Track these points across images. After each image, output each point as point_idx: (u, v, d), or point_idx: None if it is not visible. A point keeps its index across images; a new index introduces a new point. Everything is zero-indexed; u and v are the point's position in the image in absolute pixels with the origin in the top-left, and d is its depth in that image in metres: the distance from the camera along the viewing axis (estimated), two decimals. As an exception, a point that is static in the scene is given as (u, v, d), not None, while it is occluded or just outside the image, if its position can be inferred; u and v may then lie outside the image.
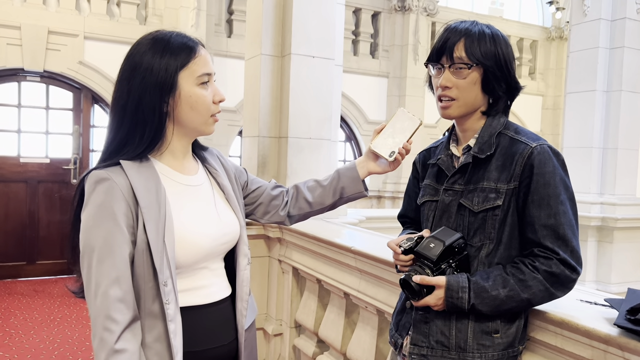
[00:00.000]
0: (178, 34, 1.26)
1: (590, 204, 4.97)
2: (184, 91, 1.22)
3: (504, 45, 1.32)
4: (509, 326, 1.29)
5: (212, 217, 1.29)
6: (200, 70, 1.23)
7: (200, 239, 1.24)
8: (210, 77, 1.27)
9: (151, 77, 1.19)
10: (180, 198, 1.25)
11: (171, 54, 1.20)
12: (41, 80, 5.99)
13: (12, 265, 5.90)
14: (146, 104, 1.19)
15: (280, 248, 3.05)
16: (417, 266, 1.30)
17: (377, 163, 1.53)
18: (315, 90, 3.17)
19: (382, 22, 8.04)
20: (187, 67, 1.22)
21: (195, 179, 1.33)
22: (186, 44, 1.23)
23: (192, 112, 1.24)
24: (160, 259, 1.15)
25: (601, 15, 4.92)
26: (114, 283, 1.11)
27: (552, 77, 9.38)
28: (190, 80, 1.22)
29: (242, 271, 1.37)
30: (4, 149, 5.89)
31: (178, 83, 1.21)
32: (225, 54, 6.67)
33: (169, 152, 1.28)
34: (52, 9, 5.79)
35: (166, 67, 1.19)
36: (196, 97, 1.23)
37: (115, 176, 1.16)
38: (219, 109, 1.29)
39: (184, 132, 1.28)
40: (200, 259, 1.26)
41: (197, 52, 1.24)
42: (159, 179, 1.21)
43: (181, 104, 1.22)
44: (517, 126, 1.36)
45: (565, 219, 1.24)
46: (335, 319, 2.53)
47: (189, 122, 1.25)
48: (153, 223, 1.15)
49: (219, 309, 1.31)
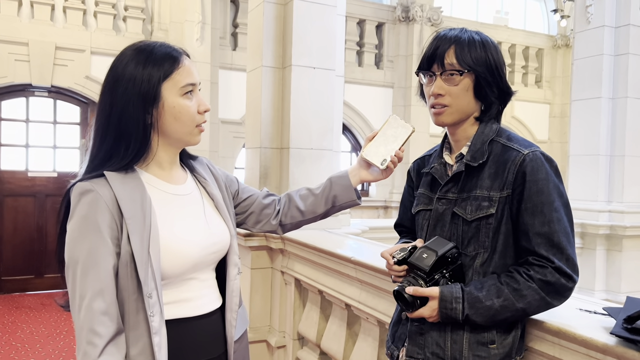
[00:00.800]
0: (162, 44, 1.25)
1: (598, 212, 4.91)
2: (167, 102, 1.21)
3: (494, 51, 1.31)
4: (505, 336, 1.27)
5: (200, 226, 1.28)
6: (184, 81, 1.22)
7: (188, 248, 1.23)
8: (195, 87, 1.25)
9: (134, 88, 1.18)
10: (167, 207, 1.24)
11: (154, 64, 1.20)
12: (49, 95, 6.07)
13: (21, 279, 5.94)
14: (129, 115, 1.18)
15: (283, 259, 3.04)
16: (411, 277, 1.29)
17: (369, 171, 1.51)
18: (316, 101, 3.18)
19: (387, 33, 8.07)
20: (171, 77, 1.21)
21: (183, 188, 1.32)
22: (169, 54, 1.22)
23: (176, 123, 1.23)
24: (144, 271, 1.13)
25: (605, 22, 4.90)
26: (98, 295, 1.10)
27: (559, 85, 9.34)
28: (174, 91, 1.21)
29: (232, 281, 1.36)
30: (12, 163, 5.96)
31: (161, 94, 1.20)
32: (230, 66, 6.72)
33: (155, 162, 1.27)
34: (59, 25, 5.89)
35: (149, 78, 1.18)
36: (180, 108, 1.22)
37: (99, 188, 1.15)
38: (204, 118, 1.28)
39: (169, 142, 1.27)
40: (188, 269, 1.24)
41: (180, 62, 1.23)
42: (145, 189, 1.20)
43: (165, 115, 1.21)
44: (509, 133, 1.35)
45: (560, 226, 1.22)
46: (337, 330, 2.51)
47: (174, 132, 1.24)
48: (137, 234, 1.14)
49: (208, 321, 1.30)
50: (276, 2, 3.18)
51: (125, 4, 6.23)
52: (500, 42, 8.72)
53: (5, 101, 5.91)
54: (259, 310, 3.16)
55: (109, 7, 6.11)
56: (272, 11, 3.18)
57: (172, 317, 1.22)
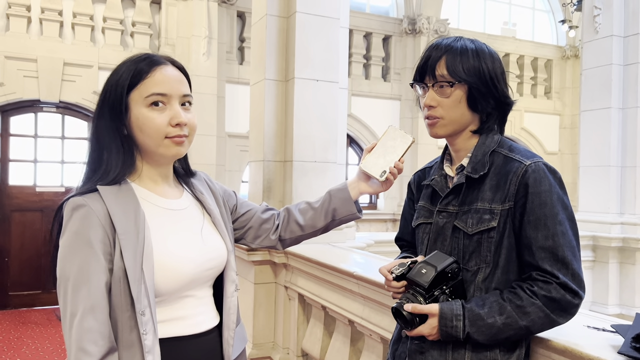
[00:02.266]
0: (146, 55, 1.21)
1: (610, 224, 4.81)
2: (133, 113, 1.17)
3: (489, 60, 1.27)
4: (509, 355, 1.21)
5: (195, 241, 1.24)
6: (150, 90, 1.16)
7: (182, 264, 1.19)
8: (167, 97, 1.18)
9: (106, 100, 1.18)
10: (161, 222, 1.21)
11: (124, 74, 1.18)
12: (57, 111, 6.11)
13: (28, 294, 5.93)
14: (104, 127, 1.18)
15: (286, 274, 2.99)
16: (410, 294, 1.24)
17: (369, 183, 1.47)
18: (319, 114, 3.15)
19: (393, 46, 8.06)
20: (137, 87, 1.16)
21: (179, 203, 1.28)
22: (140, 64, 1.18)
23: (142, 135, 1.18)
24: (137, 287, 1.10)
25: (613, 32, 4.84)
26: (89, 313, 1.06)
27: (569, 96, 9.25)
28: (139, 101, 1.17)
29: (229, 298, 1.32)
30: (20, 178, 5.98)
31: (129, 105, 1.17)
32: (237, 80, 6.73)
33: (146, 175, 1.24)
34: (67, 41, 5.94)
35: (116, 89, 1.17)
36: (143, 119, 1.16)
37: (92, 202, 1.12)
38: (178, 131, 1.19)
39: (148, 155, 1.23)
40: (183, 286, 1.20)
41: (149, 72, 1.17)
42: (138, 204, 1.17)
43: (132, 126, 1.18)
44: (511, 143, 1.30)
45: (565, 240, 1.17)
46: (340, 347, 2.45)
47: (144, 144, 1.20)
48: (131, 250, 1.11)
49: (204, 340, 1.25)
50: (279, 15, 3.18)
51: (132, 20, 6.28)
52: (509, 54, 8.68)
53: (14, 117, 5.96)
54: (262, 326, 3.11)
55: (116, 23, 6.16)
56: (275, 24, 3.17)
57: (167, 335, 1.17)
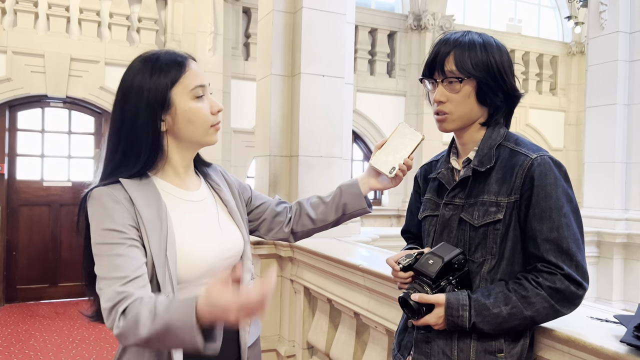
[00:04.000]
0: (167, 52, 1.26)
1: (615, 220, 4.82)
2: (179, 107, 1.22)
3: (497, 53, 1.28)
4: (514, 345, 1.23)
5: (214, 231, 1.29)
6: (193, 83, 1.23)
7: (202, 253, 1.23)
8: (205, 88, 1.26)
9: (143, 99, 1.20)
10: (181, 213, 1.25)
11: (160, 71, 1.21)
12: (64, 106, 6.16)
13: (35, 288, 6.00)
14: (140, 125, 1.20)
15: (292, 267, 3.02)
16: (417, 284, 1.26)
17: (379, 179, 1.51)
18: (325, 109, 3.17)
19: (399, 42, 8.06)
20: (179, 82, 1.22)
21: (197, 194, 1.33)
22: (175, 60, 1.24)
23: (191, 126, 1.24)
24: (162, 273, 1.15)
25: (619, 28, 4.83)
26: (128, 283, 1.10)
27: (574, 92, 9.23)
28: (184, 94, 1.23)
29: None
30: (28, 173, 6.04)
31: (172, 99, 1.22)
32: (243, 76, 6.76)
33: (170, 168, 1.29)
34: (74, 37, 5.98)
35: (157, 86, 1.20)
36: (193, 111, 1.23)
37: (116, 192, 1.17)
38: (218, 119, 1.29)
39: (185, 146, 1.28)
40: (202, 274, 1.24)
41: (186, 67, 1.24)
42: (160, 196, 1.22)
43: (178, 120, 1.23)
44: (517, 137, 1.32)
45: (569, 232, 1.19)
46: (346, 339, 2.48)
47: (190, 136, 1.26)
48: (155, 237, 1.16)
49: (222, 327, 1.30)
50: (285, 11, 3.20)
51: (139, 16, 6.31)
52: (514, 50, 8.66)
53: (22, 112, 6.01)
54: (268, 319, 3.14)
55: (122, 19, 6.19)
56: (282, 20, 3.19)
57: None
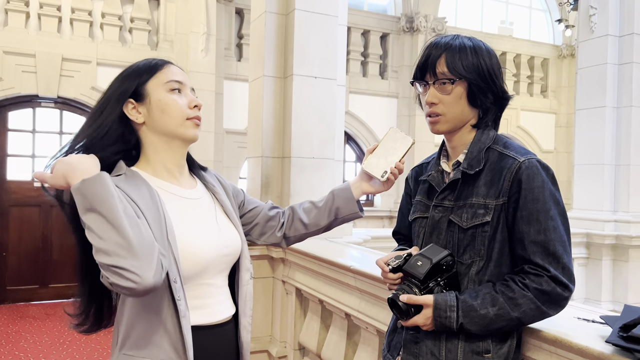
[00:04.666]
0: (147, 59, 1.32)
1: (604, 222, 4.87)
2: (153, 97, 1.27)
3: (487, 56, 1.30)
4: (501, 346, 1.25)
5: (212, 228, 1.31)
6: (168, 78, 1.29)
7: (200, 249, 1.24)
8: (183, 85, 1.30)
9: (116, 90, 1.27)
10: (179, 210, 1.26)
11: (137, 74, 1.28)
12: (55, 106, 6.13)
13: (25, 289, 5.95)
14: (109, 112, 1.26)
15: (284, 269, 3.03)
16: (405, 285, 1.28)
17: (371, 183, 1.52)
18: (317, 110, 3.19)
19: (391, 44, 8.09)
20: (155, 76, 1.28)
21: (194, 192, 1.34)
22: (154, 62, 1.30)
23: (164, 117, 1.27)
24: (167, 257, 1.15)
25: (609, 32, 4.89)
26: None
27: (565, 94, 9.31)
28: (159, 86, 1.28)
29: (245, 286, 1.37)
30: (18, 173, 6.00)
31: (147, 91, 1.27)
32: (235, 77, 6.76)
33: (162, 166, 1.30)
34: (66, 36, 5.95)
35: (131, 80, 1.27)
36: (165, 101, 1.27)
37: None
38: (196, 113, 1.31)
39: (165, 140, 1.30)
40: (201, 271, 1.25)
41: (164, 66, 1.30)
42: (150, 185, 1.23)
43: (152, 110, 1.27)
44: (506, 140, 1.34)
45: (556, 234, 1.21)
46: (337, 340, 2.49)
47: (164, 126, 1.28)
48: (156, 223, 1.17)
49: (223, 329, 1.32)
50: (278, 13, 3.21)
51: (131, 16, 6.29)
52: (505, 52, 8.72)
53: (12, 112, 5.97)
54: (260, 320, 3.15)
55: (115, 19, 6.17)
56: (274, 21, 3.20)
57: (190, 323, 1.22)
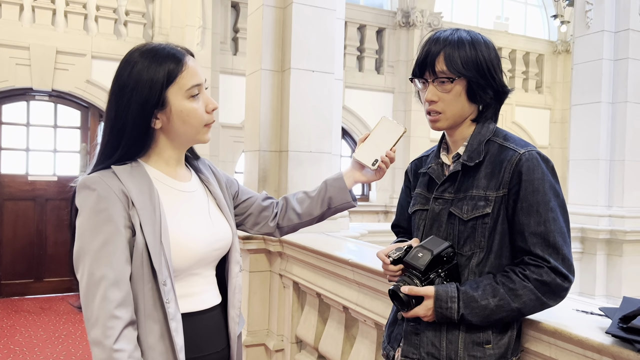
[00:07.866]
0: (165, 47, 1.25)
1: (599, 217, 4.90)
2: (174, 107, 1.22)
3: (485, 50, 1.30)
4: (501, 337, 1.26)
5: (204, 222, 1.31)
6: (189, 83, 1.23)
7: (194, 243, 1.25)
8: (201, 87, 1.26)
9: (136, 95, 1.19)
10: (174, 203, 1.26)
11: (156, 70, 1.20)
12: (49, 99, 6.09)
13: (20, 283, 5.93)
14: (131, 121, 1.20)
15: (281, 262, 3.03)
16: (406, 276, 1.28)
17: (363, 172, 1.53)
18: (315, 104, 3.18)
19: (387, 38, 8.08)
20: (175, 82, 1.21)
21: (189, 185, 1.34)
22: (172, 57, 1.22)
23: (184, 126, 1.25)
24: (158, 259, 1.15)
25: (604, 27, 4.91)
26: (114, 285, 1.11)
27: (560, 90, 9.34)
28: (180, 94, 1.22)
29: (234, 278, 1.38)
30: (12, 167, 5.96)
31: (167, 99, 1.21)
32: (231, 71, 6.74)
33: (162, 159, 1.29)
34: (60, 29, 5.91)
35: (151, 85, 1.19)
36: (187, 112, 1.23)
37: (107, 179, 1.17)
38: (212, 118, 1.29)
39: (178, 143, 1.29)
40: (193, 264, 1.26)
41: (183, 65, 1.23)
42: (151, 182, 1.23)
43: (173, 119, 1.23)
44: (506, 133, 1.35)
45: (556, 226, 1.22)
46: (334, 333, 2.50)
47: (183, 134, 1.26)
48: (150, 224, 1.16)
49: (211, 316, 1.32)
50: (275, 6, 3.19)
51: (126, 9, 6.25)
52: (501, 48, 8.73)
53: (6, 105, 5.93)
54: (257, 314, 3.15)
55: (110, 12, 6.13)
56: (272, 14, 3.19)
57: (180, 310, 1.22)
